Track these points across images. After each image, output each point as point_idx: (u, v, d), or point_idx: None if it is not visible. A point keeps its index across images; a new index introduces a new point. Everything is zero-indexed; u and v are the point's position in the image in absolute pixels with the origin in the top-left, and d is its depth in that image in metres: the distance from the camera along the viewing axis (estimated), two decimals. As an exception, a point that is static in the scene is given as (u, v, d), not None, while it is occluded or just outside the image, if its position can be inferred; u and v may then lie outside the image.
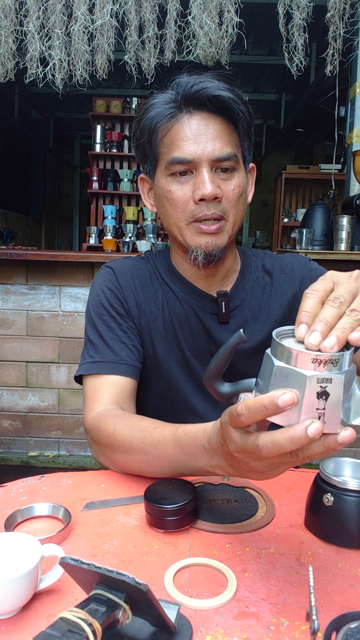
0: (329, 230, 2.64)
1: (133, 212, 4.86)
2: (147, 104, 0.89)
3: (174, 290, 0.98)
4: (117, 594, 0.44)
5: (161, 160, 0.89)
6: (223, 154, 0.85)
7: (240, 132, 0.89)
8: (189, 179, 0.87)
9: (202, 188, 0.84)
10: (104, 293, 0.98)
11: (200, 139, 0.84)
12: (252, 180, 0.97)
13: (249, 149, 0.93)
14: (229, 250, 0.94)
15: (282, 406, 0.44)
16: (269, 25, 2.81)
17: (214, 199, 0.85)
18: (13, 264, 2.70)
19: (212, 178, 0.85)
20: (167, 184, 0.88)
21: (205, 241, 0.88)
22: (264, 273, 1.02)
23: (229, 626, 0.50)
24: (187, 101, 0.85)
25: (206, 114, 0.85)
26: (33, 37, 2.66)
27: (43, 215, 7.67)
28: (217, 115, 0.85)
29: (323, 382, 0.45)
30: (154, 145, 0.89)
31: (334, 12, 2.56)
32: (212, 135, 0.84)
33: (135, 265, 1.02)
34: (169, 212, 0.90)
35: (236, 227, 0.91)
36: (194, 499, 0.67)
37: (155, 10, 2.64)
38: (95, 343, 0.94)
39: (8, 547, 0.56)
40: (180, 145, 0.85)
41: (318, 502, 0.66)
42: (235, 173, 0.88)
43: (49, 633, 0.40)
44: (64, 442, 2.86)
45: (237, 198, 0.88)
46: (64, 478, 0.82)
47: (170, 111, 0.86)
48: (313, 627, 0.43)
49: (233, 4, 2.55)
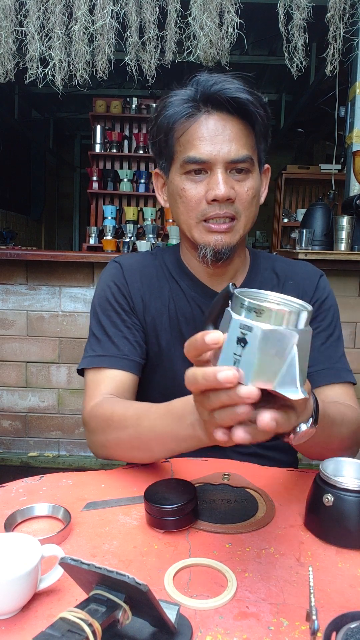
0: (329, 230, 2.64)
1: (133, 212, 4.86)
2: (165, 102, 0.89)
3: (181, 286, 0.98)
4: (117, 594, 0.44)
5: (176, 159, 0.89)
6: (239, 156, 0.85)
7: (257, 135, 0.88)
8: (203, 179, 0.87)
9: (215, 189, 0.84)
10: (110, 288, 0.98)
11: (216, 139, 0.84)
12: (266, 182, 0.97)
13: (265, 150, 0.93)
14: (239, 249, 0.94)
15: (207, 342, 0.47)
16: (269, 26, 2.81)
17: (227, 200, 0.85)
18: (13, 264, 2.70)
19: (226, 179, 0.85)
20: (181, 182, 0.88)
21: (215, 239, 0.88)
22: (272, 276, 1.02)
23: (229, 626, 0.50)
24: (206, 100, 0.85)
25: (224, 115, 0.85)
26: (33, 37, 2.66)
27: (43, 215, 7.67)
28: (235, 117, 0.85)
29: (245, 329, 0.46)
30: (170, 143, 0.89)
31: (334, 12, 2.56)
32: (228, 137, 0.84)
33: (143, 261, 1.02)
34: (181, 209, 0.90)
35: (247, 227, 0.91)
36: (194, 499, 0.67)
37: (155, 12, 2.64)
38: (99, 337, 0.95)
39: (8, 547, 0.56)
40: (196, 145, 0.85)
41: (318, 502, 0.66)
42: (250, 175, 0.88)
43: (49, 633, 0.40)
44: (63, 442, 2.86)
45: (251, 199, 0.88)
46: (63, 478, 0.82)
47: (188, 110, 0.86)
48: (313, 627, 0.43)
49: (233, 5, 2.55)
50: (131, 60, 2.72)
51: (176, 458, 0.90)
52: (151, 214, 4.81)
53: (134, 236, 4.72)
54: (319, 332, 0.98)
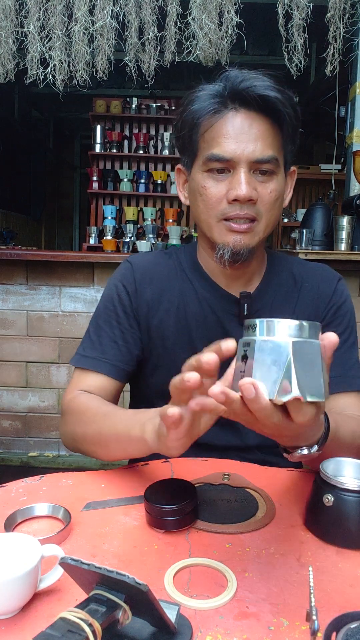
0: (329, 230, 2.63)
1: (133, 212, 4.86)
2: (192, 96, 0.87)
3: (194, 286, 0.97)
4: (117, 594, 0.44)
5: (200, 155, 0.87)
6: (263, 156, 0.82)
7: (284, 135, 0.86)
8: (226, 177, 0.85)
9: (237, 189, 0.82)
10: (116, 288, 0.98)
11: (241, 137, 0.82)
12: (291, 185, 0.95)
13: (292, 152, 0.90)
14: (258, 251, 0.92)
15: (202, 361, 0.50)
16: (269, 25, 2.81)
17: (248, 201, 0.83)
18: (13, 264, 2.70)
19: (249, 179, 0.83)
20: (202, 179, 0.87)
21: (234, 239, 0.86)
22: (290, 278, 1.00)
23: (229, 626, 0.50)
24: (234, 97, 0.82)
25: (251, 113, 0.82)
26: (33, 38, 2.66)
27: (43, 215, 7.66)
28: (262, 115, 0.83)
29: (245, 346, 0.48)
30: (195, 139, 0.87)
31: (334, 12, 2.56)
32: (254, 136, 0.82)
33: (156, 261, 1.00)
34: (201, 207, 0.88)
35: (268, 229, 0.88)
36: (194, 499, 0.67)
37: (155, 12, 2.64)
38: (91, 337, 0.97)
39: (8, 547, 0.56)
40: (220, 142, 0.83)
41: (318, 502, 0.66)
42: (274, 176, 0.85)
43: (49, 633, 0.40)
44: (64, 442, 2.86)
45: (273, 202, 0.86)
46: (63, 478, 0.82)
47: (214, 106, 0.84)
48: (313, 627, 0.43)
49: (233, 5, 2.55)
50: (130, 61, 2.72)
51: (176, 458, 0.90)
52: (151, 214, 4.81)
53: (134, 236, 4.72)
54: None
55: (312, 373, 0.46)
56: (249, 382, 0.46)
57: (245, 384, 0.46)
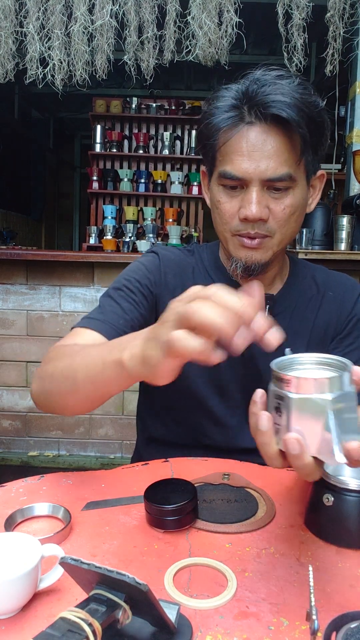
0: (329, 230, 2.63)
1: (133, 212, 4.86)
2: (211, 107, 0.85)
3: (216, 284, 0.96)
4: (117, 594, 0.44)
5: (216, 168, 0.86)
6: (276, 175, 0.80)
7: (304, 146, 0.82)
8: (239, 194, 0.84)
9: (247, 208, 0.81)
10: (139, 268, 0.95)
11: (254, 155, 0.80)
12: (319, 188, 0.92)
13: (317, 159, 0.86)
14: (273, 264, 0.91)
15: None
16: (269, 25, 2.81)
17: (259, 220, 0.82)
18: (13, 264, 2.70)
19: (260, 198, 0.81)
20: (218, 192, 0.86)
21: (246, 255, 0.86)
22: (312, 285, 0.99)
23: (229, 626, 0.50)
24: (250, 109, 0.80)
25: (267, 126, 0.80)
26: (33, 37, 2.66)
27: (43, 215, 7.66)
28: (278, 128, 0.80)
29: (278, 399, 0.48)
30: (213, 150, 0.86)
31: (334, 12, 2.56)
32: (267, 153, 0.80)
33: (180, 256, 0.99)
34: (217, 219, 0.89)
35: (283, 243, 0.87)
36: (194, 499, 0.67)
37: (154, 11, 2.64)
38: (101, 305, 0.92)
39: (8, 547, 0.56)
40: (233, 159, 0.81)
41: (318, 502, 0.66)
42: (289, 192, 0.83)
43: (49, 633, 0.40)
44: (63, 442, 2.86)
45: (287, 217, 0.84)
46: (64, 478, 0.82)
47: (230, 121, 0.82)
48: (313, 627, 0.43)
49: (232, 4, 2.55)
50: (130, 60, 2.72)
51: (176, 458, 0.90)
52: (151, 214, 4.80)
53: (134, 236, 4.72)
54: (352, 350, 0.96)
55: (350, 422, 0.47)
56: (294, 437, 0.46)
57: (290, 439, 0.46)
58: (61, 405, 0.78)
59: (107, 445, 2.84)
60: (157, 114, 5.00)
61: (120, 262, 2.59)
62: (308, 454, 0.46)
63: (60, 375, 0.74)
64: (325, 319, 0.97)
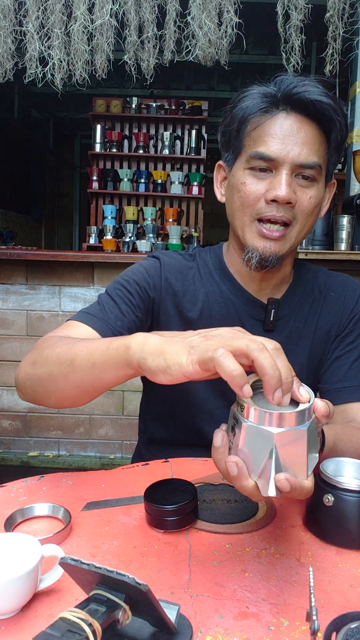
0: (329, 230, 2.63)
1: (133, 212, 4.86)
2: (244, 93, 0.86)
3: (221, 289, 0.95)
4: (117, 594, 0.44)
5: (244, 152, 0.86)
6: (308, 161, 0.82)
7: (331, 144, 0.86)
8: (267, 177, 0.84)
9: (277, 189, 0.81)
10: (139, 271, 0.94)
11: (288, 140, 0.82)
12: (329, 197, 0.93)
13: (335, 164, 0.89)
14: (288, 258, 0.91)
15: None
16: (268, 25, 2.81)
17: (287, 203, 0.82)
18: (13, 264, 2.70)
19: (290, 182, 0.82)
20: (243, 175, 0.86)
21: (264, 245, 0.85)
22: (315, 288, 1.00)
23: (229, 626, 0.50)
24: (286, 99, 0.82)
25: (301, 117, 0.82)
26: (32, 37, 2.66)
27: (43, 215, 7.67)
28: (312, 122, 0.83)
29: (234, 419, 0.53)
30: (241, 135, 0.86)
31: (334, 12, 2.56)
32: (301, 140, 0.82)
33: (181, 261, 0.99)
34: (237, 204, 0.87)
35: (300, 237, 0.87)
36: (194, 499, 0.67)
37: (154, 11, 2.64)
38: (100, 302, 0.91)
39: (8, 547, 0.56)
40: (267, 141, 0.82)
41: (318, 502, 0.66)
42: (315, 183, 0.85)
43: (49, 633, 0.40)
44: (63, 442, 2.86)
45: (312, 209, 0.85)
46: (63, 478, 0.82)
47: (265, 105, 0.83)
48: (313, 627, 0.43)
49: (232, 4, 2.55)
50: (130, 59, 2.72)
51: (176, 458, 0.90)
52: (151, 214, 4.80)
53: (133, 236, 4.71)
54: (352, 349, 0.97)
55: (295, 459, 0.50)
56: (233, 461, 0.50)
57: (229, 462, 0.51)
58: (49, 390, 0.75)
59: (107, 445, 2.84)
60: (157, 114, 5.00)
61: (120, 262, 2.59)
62: (248, 477, 0.50)
63: (57, 359, 0.72)
64: (327, 320, 0.98)
